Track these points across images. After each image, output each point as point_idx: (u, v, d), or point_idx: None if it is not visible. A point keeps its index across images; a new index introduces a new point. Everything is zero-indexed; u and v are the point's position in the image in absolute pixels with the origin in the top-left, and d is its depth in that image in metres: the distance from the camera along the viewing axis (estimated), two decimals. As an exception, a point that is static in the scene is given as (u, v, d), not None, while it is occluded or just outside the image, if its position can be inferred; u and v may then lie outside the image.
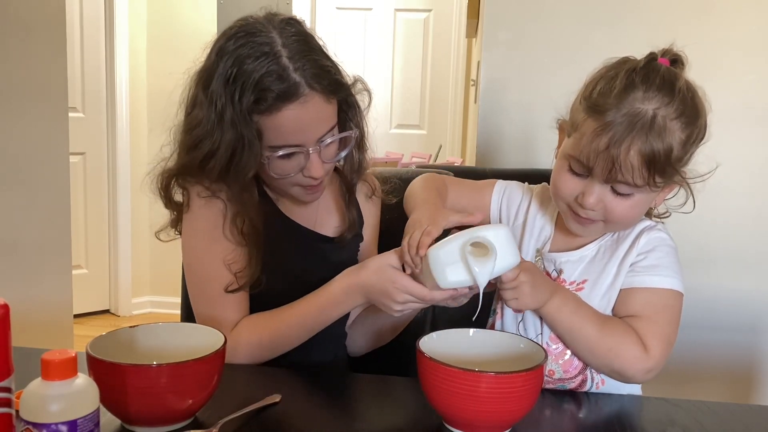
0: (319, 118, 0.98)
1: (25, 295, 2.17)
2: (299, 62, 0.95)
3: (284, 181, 1.04)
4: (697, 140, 0.92)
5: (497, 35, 1.81)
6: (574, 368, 0.99)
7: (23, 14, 2.12)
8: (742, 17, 1.72)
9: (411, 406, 0.89)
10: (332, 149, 1.04)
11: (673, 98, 0.88)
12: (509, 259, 0.88)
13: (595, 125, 0.88)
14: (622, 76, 0.90)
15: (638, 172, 0.87)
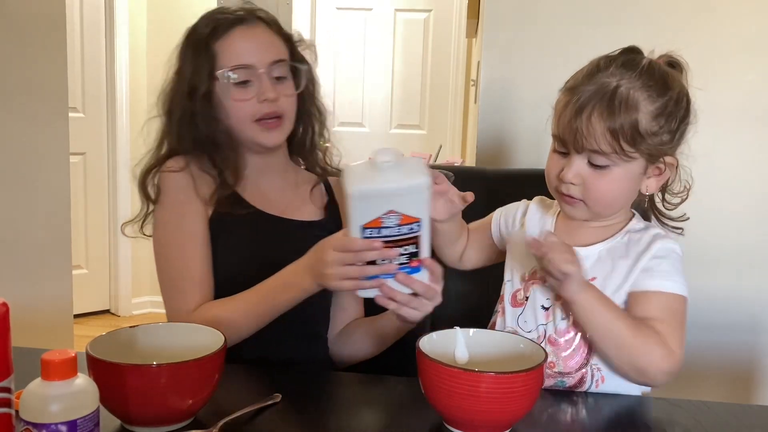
0: (266, 42, 1.15)
1: (25, 295, 2.17)
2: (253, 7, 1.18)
3: (242, 113, 1.12)
4: (674, 116, 0.95)
5: (497, 35, 1.81)
6: (576, 363, 0.98)
7: (23, 14, 2.12)
8: (742, 17, 1.72)
9: (411, 406, 0.89)
10: (285, 85, 1.16)
11: (636, 72, 0.94)
12: (417, 177, 0.89)
13: (565, 100, 0.96)
14: (594, 61, 0.98)
15: (603, 139, 0.92)
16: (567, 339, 0.99)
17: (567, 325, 0.99)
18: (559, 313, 0.99)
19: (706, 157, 1.76)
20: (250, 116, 1.13)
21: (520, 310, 1.03)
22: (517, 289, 1.06)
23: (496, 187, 1.45)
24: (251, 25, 1.14)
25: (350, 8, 3.88)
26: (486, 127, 1.84)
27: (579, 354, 0.98)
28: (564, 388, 0.99)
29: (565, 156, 0.98)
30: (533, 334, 1.01)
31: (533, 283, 1.03)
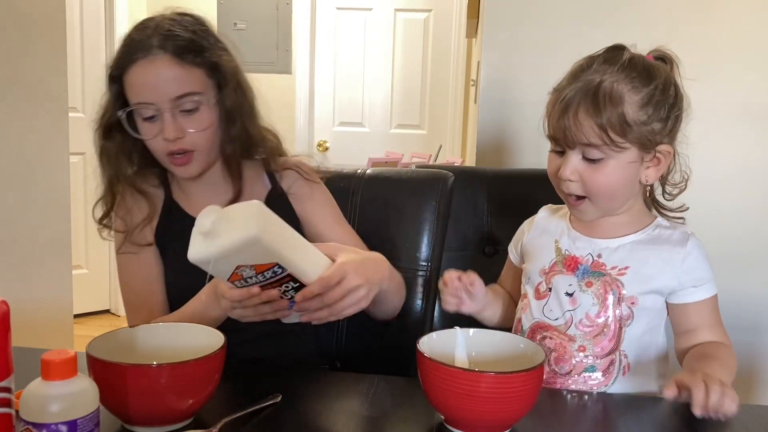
0: (168, 77, 1.06)
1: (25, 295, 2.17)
2: (163, 31, 1.07)
3: (153, 147, 1.10)
4: (662, 104, 0.97)
5: (497, 35, 1.81)
6: (607, 345, 1.01)
7: (23, 14, 2.12)
8: (742, 17, 1.72)
9: (411, 406, 0.89)
10: (195, 118, 1.08)
11: (618, 66, 0.96)
12: (243, 231, 0.82)
13: (553, 100, 1.00)
14: (579, 62, 1.02)
15: (591, 131, 0.94)
16: (598, 323, 1.02)
17: (598, 310, 1.01)
18: (588, 298, 1.02)
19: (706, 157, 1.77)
20: (161, 151, 1.10)
21: (544, 302, 1.06)
22: (538, 282, 1.08)
23: (496, 187, 1.46)
24: (152, 58, 1.05)
25: (350, 8, 3.88)
26: (486, 127, 1.84)
27: (609, 338, 1.01)
28: (594, 375, 1.01)
29: (561, 155, 1.00)
30: (560, 321, 1.03)
31: (554, 274, 1.06)
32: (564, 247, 1.07)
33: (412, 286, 1.27)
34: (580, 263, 1.04)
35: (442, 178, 1.32)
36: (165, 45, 1.05)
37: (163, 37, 1.06)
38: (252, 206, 0.86)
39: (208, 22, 1.14)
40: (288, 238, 0.90)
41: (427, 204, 1.29)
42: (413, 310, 1.27)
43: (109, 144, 1.14)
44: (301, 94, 3.94)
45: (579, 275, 1.04)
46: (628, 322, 1.01)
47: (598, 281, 1.02)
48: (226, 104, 1.11)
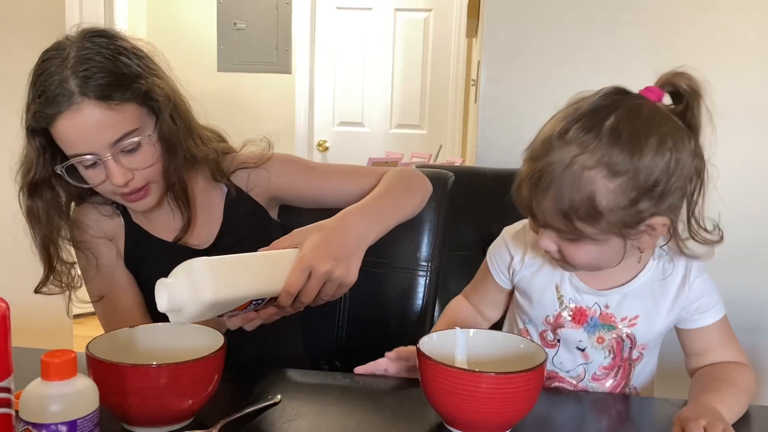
0: (99, 124, 0.96)
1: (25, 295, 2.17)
2: (80, 71, 0.95)
3: (102, 191, 1.04)
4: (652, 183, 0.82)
5: (497, 35, 1.81)
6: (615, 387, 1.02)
7: (23, 14, 2.12)
8: (743, 17, 1.72)
9: (411, 406, 0.89)
10: (139, 156, 1.00)
11: (597, 141, 0.81)
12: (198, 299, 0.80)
13: (523, 173, 0.88)
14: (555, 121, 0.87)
15: (557, 219, 0.85)
16: (612, 372, 1.01)
17: (610, 361, 1.01)
18: (601, 353, 1.00)
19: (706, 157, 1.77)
20: (111, 194, 1.04)
21: (554, 351, 1.03)
22: (543, 330, 1.03)
23: (496, 187, 1.45)
24: (76, 108, 0.95)
25: (350, 8, 3.88)
26: (486, 127, 1.84)
27: (619, 378, 1.01)
28: None
29: None
30: (572, 373, 1.03)
31: (560, 326, 1.01)
32: (568, 296, 0.99)
33: (412, 286, 1.27)
34: (588, 316, 0.99)
35: (442, 178, 1.32)
36: (86, 89, 0.94)
37: (82, 80, 0.94)
38: (195, 269, 0.81)
39: (120, 35, 1.03)
40: (246, 273, 0.86)
41: (427, 204, 1.29)
42: (413, 310, 1.27)
43: (37, 203, 1.05)
44: (301, 94, 3.94)
45: (588, 330, 0.99)
46: (638, 362, 1.01)
47: (610, 335, 0.99)
48: (164, 133, 1.02)
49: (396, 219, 1.07)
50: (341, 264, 0.92)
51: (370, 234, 1.00)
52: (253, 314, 0.91)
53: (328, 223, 0.97)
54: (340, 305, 1.32)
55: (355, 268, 0.94)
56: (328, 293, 0.93)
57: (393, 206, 1.08)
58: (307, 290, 0.90)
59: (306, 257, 0.90)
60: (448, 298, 1.39)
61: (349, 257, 0.94)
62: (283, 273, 0.89)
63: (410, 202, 1.13)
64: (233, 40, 3.86)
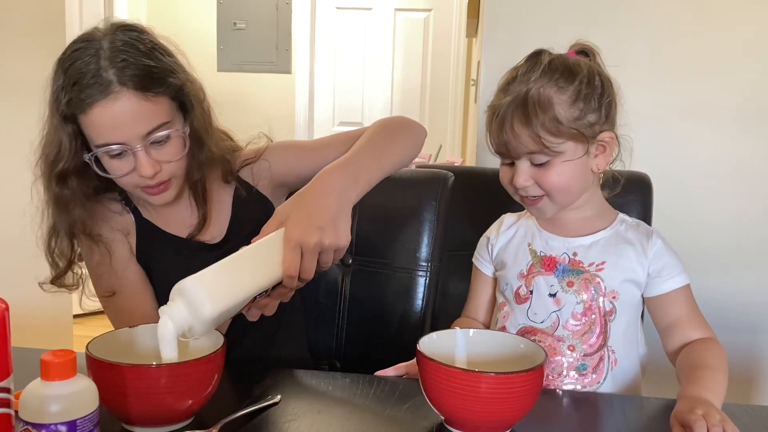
0: (136, 114, 0.97)
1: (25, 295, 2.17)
2: (117, 61, 0.96)
3: (124, 183, 1.04)
4: (591, 96, 1.00)
5: (497, 35, 1.81)
6: (595, 342, 1.02)
7: (23, 14, 2.12)
8: (742, 17, 1.72)
9: (411, 406, 0.89)
10: (168, 148, 1.02)
11: (540, 72, 1.00)
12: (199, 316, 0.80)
13: (489, 117, 1.05)
14: (505, 75, 1.06)
15: (530, 140, 0.99)
16: (585, 321, 1.03)
17: (583, 308, 1.03)
18: (572, 297, 1.03)
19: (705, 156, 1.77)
20: (134, 186, 1.04)
21: (527, 305, 1.06)
22: (518, 287, 1.08)
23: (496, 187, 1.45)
24: (114, 97, 0.95)
25: (350, 8, 3.88)
26: (486, 127, 1.84)
27: (597, 334, 1.03)
28: (584, 372, 1.02)
29: (511, 165, 1.04)
30: (546, 323, 1.04)
31: (533, 275, 1.06)
32: (538, 249, 1.08)
33: (412, 286, 1.27)
34: (557, 262, 1.06)
35: (442, 178, 1.32)
36: (125, 79, 0.95)
37: (119, 69, 0.95)
38: (187, 289, 0.80)
39: (149, 30, 1.04)
40: (239, 275, 0.85)
41: (427, 204, 1.29)
42: (413, 310, 1.27)
43: (65, 192, 1.04)
44: (300, 94, 3.95)
45: (558, 275, 1.05)
46: (612, 317, 1.03)
47: (578, 279, 1.04)
48: (194, 128, 1.05)
49: (381, 171, 1.03)
50: (328, 230, 0.89)
51: (350, 191, 0.96)
52: (267, 300, 0.91)
53: (306, 191, 0.94)
54: (340, 305, 1.32)
55: (344, 229, 0.91)
56: (327, 262, 0.91)
57: (372, 159, 1.03)
58: (305, 267, 0.88)
59: (292, 236, 0.88)
60: (448, 298, 1.40)
61: (335, 221, 0.90)
62: (276, 258, 0.88)
63: (395, 151, 1.08)
64: (233, 40, 3.86)
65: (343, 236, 0.91)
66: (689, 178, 1.74)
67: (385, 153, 1.06)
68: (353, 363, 1.31)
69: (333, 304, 1.32)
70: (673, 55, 1.72)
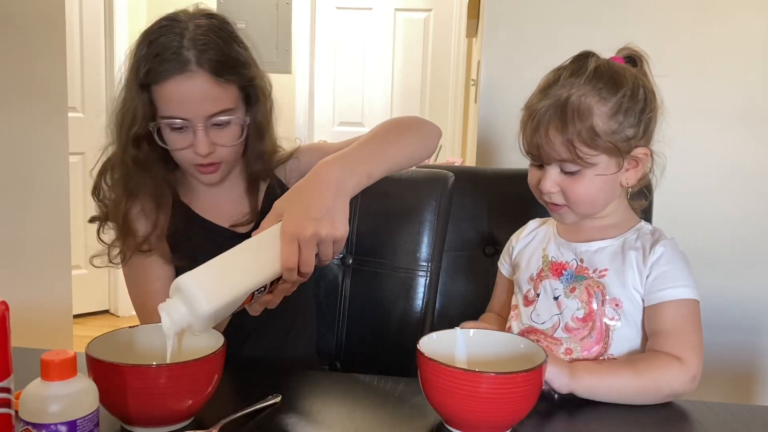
0: (205, 95, 1.04)
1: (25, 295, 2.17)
2: (198, 44, 1.03)
3: (179, 156, 1.10)
4: (632, 110, 0.97)
5: (497, 35, 1.81)
6: (595, 351, 1.00)
7: (23, 14, 2.12)
8: (742, 17, 1.72)
9: (411, 406, 0.89)
10: (226, 133, 1.08)
11: (584, 78, 0.98)
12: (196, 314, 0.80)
13: (526, 117, 1.02)
14: (547, 76, 1.03)
15: (563, 148, 0.96)
16: (585, 327, 1.01)
17: (584, 314, 1.01)
18: (574, 302, 1.02)
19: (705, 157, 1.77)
20: (187, 161, 1.10)
21: (532, 307, 1.06)
22: (527, 290, 1.08)
23: (496, 187, 1.46)
24: (189, 74, 1.02)
25: (350, 8, 3.88)
26: (486, 127, 1.84)
27: (597, 341, 1.00)
28: None
29: (540, 167, 1.02)
30: (547, 324, 1.03)
31: (541, 279, 1.06)
32: (551, 254, 1.08)
33: (412, 286, 1.27)
34: (565, 268, 1.05)
35: (442, 178, 1.32)
36: (202, 61, 1.02)
37: (199, 52, 1.02)
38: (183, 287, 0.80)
39: (231, 22, 1.13)
40: (236, 271, 0.85)
41: (427, 204, 1.29)
42: (413, 310, 1.27)
43: (141, 154, 1.10)
44: (300, 94, 3.95)
45: (564, 280, 1.04)
46: (616, 325, 1.00)
47: (581, 285, 1.02)
48: (257, 120, 1.12)
49: (383, 164, 1.01)
50: (324, 222, 0.88)
51: (347, 183, 0.94)
52: (269, 296, 0.90)
53: (302, 183, 0.94)
54: (339, 305, 1.32)
55: (341, 220, 0.90)
56: (327, 254, 0.90)
57: (373, 151, 1.01)
58: (303, 260, 0.87)
59: (288, 228, 0.87)
60: (448, 298, 1.40)
61: (331, 212, 0.89)
62: (274, 253, 0.87)
63: (401, 146, 1.06)
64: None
65: (340, 227, 0.89)
66: (689, 178, 1.74)
67: (389, 147, 1.04)
68: (353, 363, 1.31)
69: (333, 304, 1.32)
70: (673, 55, 1.72)
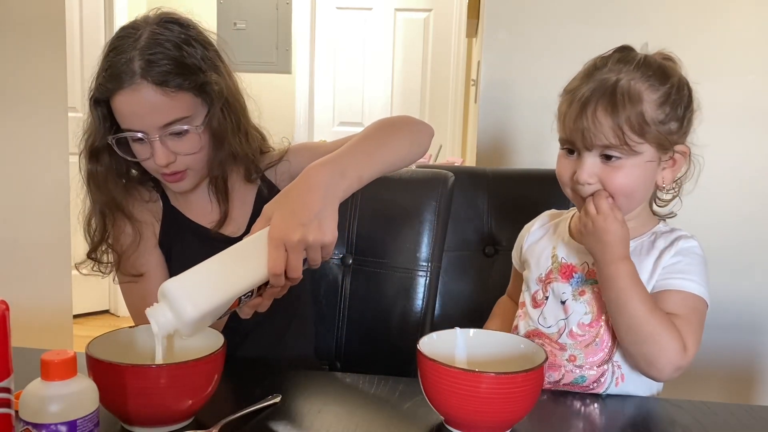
0: (153, 106, 1.02)
1: (25, 295, 2.17)
2: (146, 54, 1.01)
3: (146, 167, 1.09)
4: (679, 103, 0.96)
5: (497, 35, 1.81)
6: (599, 358, 0.99)
7: (23, 14, 2.12)
8: (743, 17, 1.72)
9: (411, 406, 0.89)
10: (185, 141, 1.05)
11: (633, 65, 0.95)
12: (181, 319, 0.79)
13: (568, 101, 0.97)
14: (590, 62, 1.00)
15: (611, 132, 0.92)
16: (591, 333, 1.00)
17: (591, 320, 1.00)
18: (581, 306, 1.00)
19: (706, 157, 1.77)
20: (153, 171, 1.09)
21: (540, 310, 1.04)
22: (535, 291, 1.06)
23: (496, 187, 1.46)
24: (135, 87, 1.00)
25: (350, 8, 3.88)
26: (486, 127, 1.84)
27: (602, 348, 0.99)
28: (583, 385, 0.99)
29: (573, 156, 0.98)
30: (553, 329, 1.02)
31: (550, 281, 1.05)
32: (561, 255, 1.05)
33: (412, 286, 1.27)
34: (575, 271, 1.03)
35: (442, 178, 1.32)
36: (147, 73, 1.00)
37: (146, 63, 1.00)
38: (168, 292, 0.80)
39: (195, 25, 1.10)
40: (222, 276, 0.84)
41: (427, 204, 1.29)
42: (413, 310, 1.27)
43: (98, 168, 1.09)
44: (300, 94, 3.95)
45: (573, 284, 1.02)
46: None
47: (591, 290, 1.00)
48: (212, 126, 1.07)
49: (374, 167, 0.98)
50: (312, 227, 0.86)
51: (337, 187, 0.92)
52: (258, 299, 0.90)
53: (291, 187, 0.92)
54: (339, 305, 1.32)
55: (329, 225, 0.88)
56: (315, 259, 0.89)
57: (364, 154, 0.99)
58: (291, 265, 0.86)
59: (275, 233, 0.86)
60: (448, 298, 1.40)
61: (319, 217, 0.87)
62: (261, 258, 0.86)
63: (392, 147, 1.03)
64: (233, 39, 3.86)
65: (328, 232, 0.88)
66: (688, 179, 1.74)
67: (379, 149, 1.01)
68: (353, 363, 1.31)
69: (333, 304, 1.32)
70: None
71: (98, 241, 1.11)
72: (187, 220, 1.16)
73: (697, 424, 0.87)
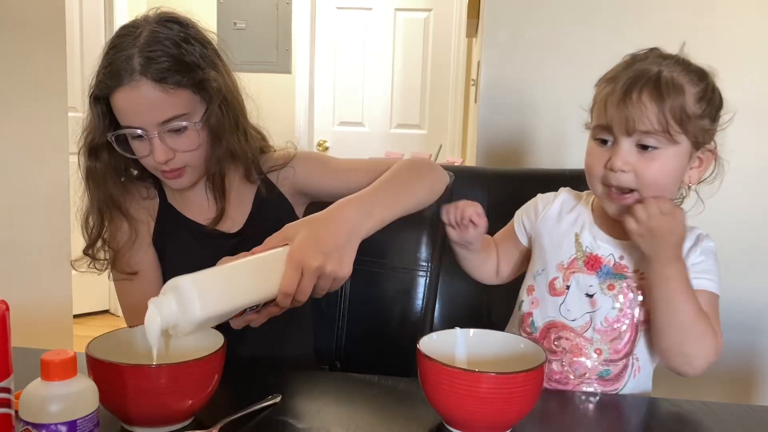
0: (152, 103, 1.03)
1: (25, 295, 2.17)
2: (146, 51, 1.02)
3: (145, 164, 1.10)
4: (713, 102, 0.97)
5: (497, 35, 1.81)
6: (621, 351, 1.00)
7: (23, 14, 2.12)
8: (743, 17, 1.72)
9: (411, 406, 0.89)
10: (184, 138, 1.06)
11: (673, 60, 0.97)
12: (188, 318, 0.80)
13: (608, 88, 0.97)
14: (628, 56, 1.00)
15: (655, 118, 0.92)
16: (617, 327, 1.00)
17: (617, 314, 1.00)
18: (609, 301, 1.00)
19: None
20: (152, 168, 1.10)
21: (561, 299, 1.03)
22: (554, 278, 1.05)
23: (496, 187, 1.46)
24: (134, 84, 1.01)
25: (350, 8, 3.88)
26: (486, 127, 1.84)
27: (625, 341, 1.00)
28: (607, 378, 1.00)
29: (607, 145, 0.97)
30: (578, 322, 1.02)
31: (573, 271, 1.03)
32: (585, 244, 1.04)
33: (412, 286, 1.27)
34: (602, 263, 1.02)
35: (442, 178, 1.31)
36: (146, 70, 1.01)
37: (145, 59, 1.01)
38: (181, 287, 0.80)
39: (194, 24, 1.11)
40: (236, 285, 0.85)
41: (427, 204, 1.29)
42: (413, 310, 1.27)
43: (97, 164, 1.10)
44: (300, 94, 3.94)
45: (600, 276, 1.01)
46: (646, 327, 1.00)
47: (620, 284, 1.00)
48: (211, 123, 1.08)
49: (396, 210, 1.03)
50: (332, 258, 0.90)
51: (362, 225, 0.96)
52: (254, 315, 0.91)
53: (319, 216, 0.95)
54: (340, 305, 1.32)
55: (348, 261, 0.92)
56: (323, 288, 0.91)
57: (391, 197, 1.04)
58: (302, 288, 0.88)
59: (295, 254, 0.88)
60: (449, 298, 1.40)
61: (341, 250, 0.91)
62: (274, 274, 0.87)
63: (414, 192, 1.09)
64: (233, 39, 3.86)
65: (345, 267, 0.91)
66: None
67: (403, 193, 1.06)
68: (353, 363, 1.31)
69: (333, 304, 1.32)
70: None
71: (95, 238, 1.12)
72: (182, 217, 1.17)
73: (697, 424, 0.87)
